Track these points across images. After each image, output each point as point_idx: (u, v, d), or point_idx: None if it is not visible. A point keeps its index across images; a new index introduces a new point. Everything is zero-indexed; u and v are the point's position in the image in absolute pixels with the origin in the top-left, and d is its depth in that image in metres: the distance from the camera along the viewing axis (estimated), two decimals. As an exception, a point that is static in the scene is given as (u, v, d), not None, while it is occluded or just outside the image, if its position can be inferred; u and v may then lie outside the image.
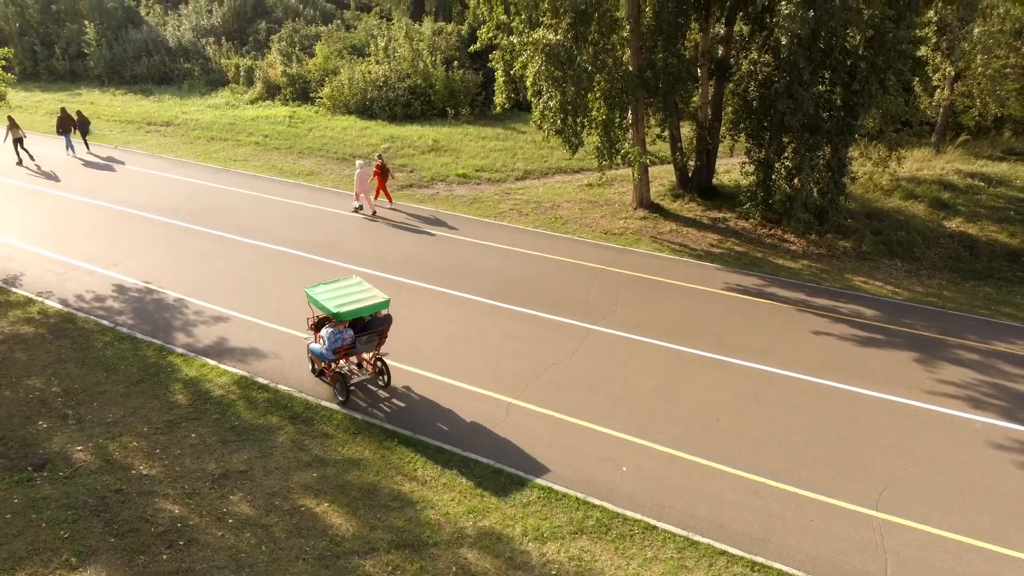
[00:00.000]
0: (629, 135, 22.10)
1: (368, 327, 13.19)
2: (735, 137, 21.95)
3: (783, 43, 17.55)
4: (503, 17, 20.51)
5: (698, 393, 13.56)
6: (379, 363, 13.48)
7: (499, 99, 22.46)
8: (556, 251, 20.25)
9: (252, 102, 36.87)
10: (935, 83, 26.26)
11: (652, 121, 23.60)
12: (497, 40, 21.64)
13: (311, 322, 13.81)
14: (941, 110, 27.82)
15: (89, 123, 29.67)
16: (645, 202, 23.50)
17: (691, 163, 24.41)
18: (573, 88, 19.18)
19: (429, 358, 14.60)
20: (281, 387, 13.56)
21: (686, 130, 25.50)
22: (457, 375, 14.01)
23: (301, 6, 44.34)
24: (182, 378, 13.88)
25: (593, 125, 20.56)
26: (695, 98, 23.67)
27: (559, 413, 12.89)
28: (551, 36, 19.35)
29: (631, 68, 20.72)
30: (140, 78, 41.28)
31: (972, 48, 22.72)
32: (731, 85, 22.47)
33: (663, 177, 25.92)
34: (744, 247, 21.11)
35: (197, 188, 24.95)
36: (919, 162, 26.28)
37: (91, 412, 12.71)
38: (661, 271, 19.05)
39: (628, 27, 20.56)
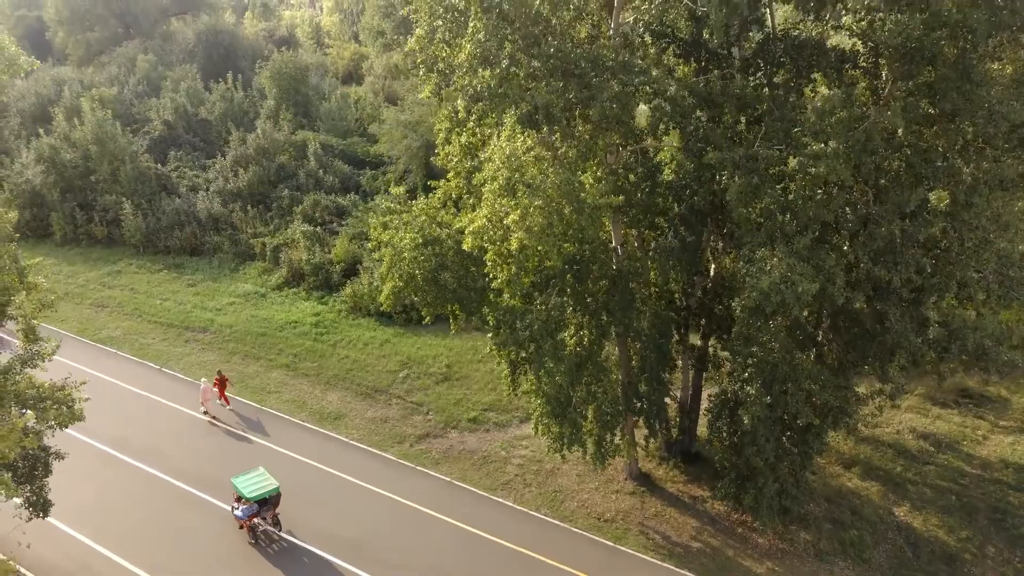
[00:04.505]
0: (619, 428, 25.39)
1: (267, 501, 23.35)
2: (711, 437, 25.16)
3: (745, 421, 20.88)
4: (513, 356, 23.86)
5: None
6: (276, 519, 23.59)
7: (507, 391, 25.70)
8: (551, 552, 23.52)
9: (278, 288, 40.35)
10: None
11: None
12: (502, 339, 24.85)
13: (234, 496, 23.73)
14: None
15: None
16: (635, 474, 26.83)
17: (675, 432, 27.69)
18: (571, 429, 22.55)
19: None
20: None
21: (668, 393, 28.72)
22: None
23: (321, 172, 47.69)
24: None
25: (586, 437, 23.81)
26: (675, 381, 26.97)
27: None
28: (550, 379, 22.69)
29: (619, 393, 23.98)
30: (174, 249, 44.72)
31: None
32: (708, 375, 25.80)
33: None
34: (718, 540, 24.40)
35: (240, 449, 28.38)
36: (880, 419, 29.51)
37: None
38: (644, 589, 22.36)
39: (616, 373, 23.88)
